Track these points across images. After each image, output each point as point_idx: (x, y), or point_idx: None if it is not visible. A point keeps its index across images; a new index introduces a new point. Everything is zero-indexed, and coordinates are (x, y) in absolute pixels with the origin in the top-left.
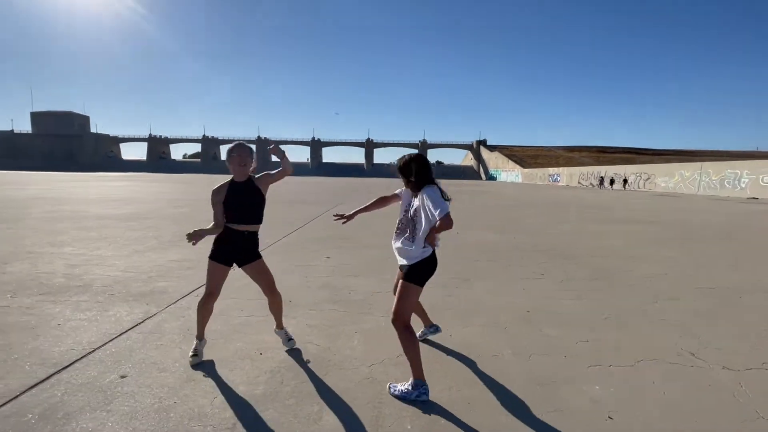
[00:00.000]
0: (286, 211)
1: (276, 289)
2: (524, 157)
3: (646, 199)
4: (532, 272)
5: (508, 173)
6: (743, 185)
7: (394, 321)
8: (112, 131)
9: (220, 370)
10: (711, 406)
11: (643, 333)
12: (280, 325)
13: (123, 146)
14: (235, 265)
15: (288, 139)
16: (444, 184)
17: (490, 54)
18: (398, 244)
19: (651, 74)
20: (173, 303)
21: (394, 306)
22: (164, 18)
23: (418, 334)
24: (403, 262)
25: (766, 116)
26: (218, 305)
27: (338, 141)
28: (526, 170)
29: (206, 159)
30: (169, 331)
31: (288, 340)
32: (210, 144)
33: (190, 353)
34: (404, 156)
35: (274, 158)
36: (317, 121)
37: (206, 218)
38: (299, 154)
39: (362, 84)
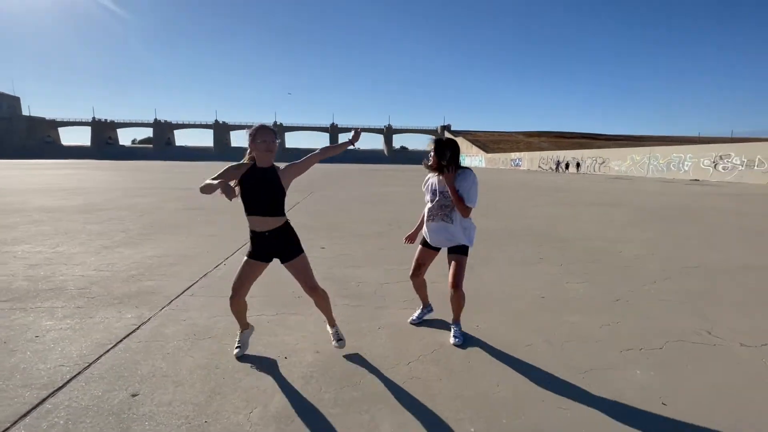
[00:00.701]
0: None
1: (317, 286)
2: (487, 142)
3: (602, 182)
4: (530, 256)
5: (472, 158)
6: (687, 168)
7: (457, 288)
8: (50, 114)
9: (246, 380)
10: (750, 385)
11: (655, 314)
12: (330, 323)
13: (62, 131)
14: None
15: (247, 123)
16: (411, 170)
17: (455, 37)
18: (437, 227)
19: (604, 63)
20: (167, 305)
21: (454, 278)
22: None
23: (415, 315)
24: (446, 242)
25: (705, 105)
26: (219, 305)
27: (302, 126)
28: (489, 155)
29: (159, 145)
30: (172, 337)
31: (338, 340)
32: (162, 128)
33: (235, 345)
34: (440, 139)
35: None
36: (279, 104)
37: (172, 209)
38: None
39: (325, 67)
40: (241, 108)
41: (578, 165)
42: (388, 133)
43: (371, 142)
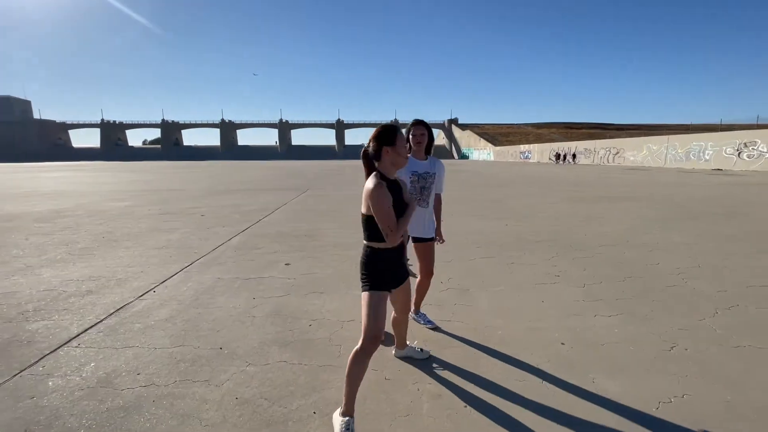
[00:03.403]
0: (246, 200)
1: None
2: (496, 135)
3: (618, 173)
4: (543, 273)
5: (480, 152)
6: (708, 157)
7: (432, 275)
8: (60, 117)
9: None
10: None
11: (736, 375)
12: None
13: (73, 133)
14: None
15: (254, 122)
16: None
17: (459, 30)
18: (419, 211)
19: (616, 50)
20: (36, 361)
21: (432, 266)
22: None
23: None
24: (420, 230)
25: (727, 91)
26: (106, 363)
27: (308, 123)
28: (498, 148)
29: (167, 145)
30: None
31: (419, 350)
32: (170, 129)
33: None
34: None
35: None
36: (285, 103)
37: (142, 214)
38: (267, 137)
39: (332, 62)
40: (247, 106)
41: (574, 156)
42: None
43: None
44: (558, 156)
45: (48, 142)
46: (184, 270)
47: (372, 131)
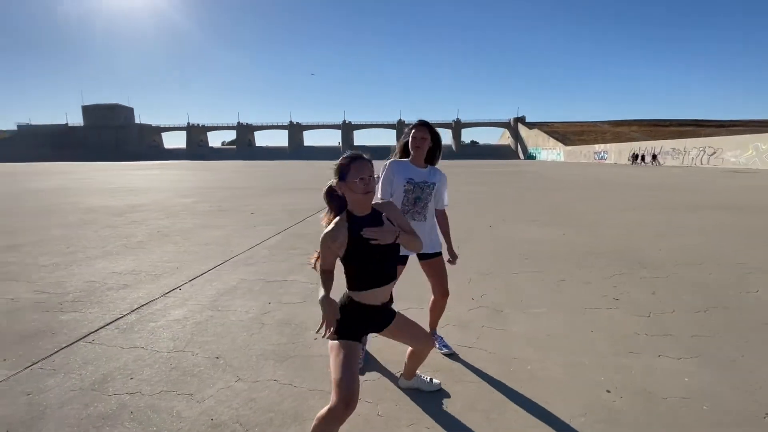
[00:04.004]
0: (299, 199)
1: (429, 339)
2: (567, 133)
3: (714, 176)
4: (599, 294)
5: (549, 152)
6: None
7: (447, 295)
8: (155, 121)
9: None
10: None
11: None
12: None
13: (165, 135)
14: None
15: (319, 123)
16: (478, 164)
17: (529, 24)
18: (413, 227)
19: (712, 37)
20: (50, 354)
21: (446, 284)
22: (195, 10)
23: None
24: (425, 248)
25: None
26: (114, 362)
27: (369, 123)
28: (569, 148)
29: (241, 146)
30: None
31: (429, 380)
32: (244, 131)
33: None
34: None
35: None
36: (347, 103)
37: (201, 210)
38: (332, 138)
39: (391, 60)
40: (314, 108)
41: (654, 157)
42: (456, 127)
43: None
44: (635, 156)
45: (145, 144)
46: (215, 268)
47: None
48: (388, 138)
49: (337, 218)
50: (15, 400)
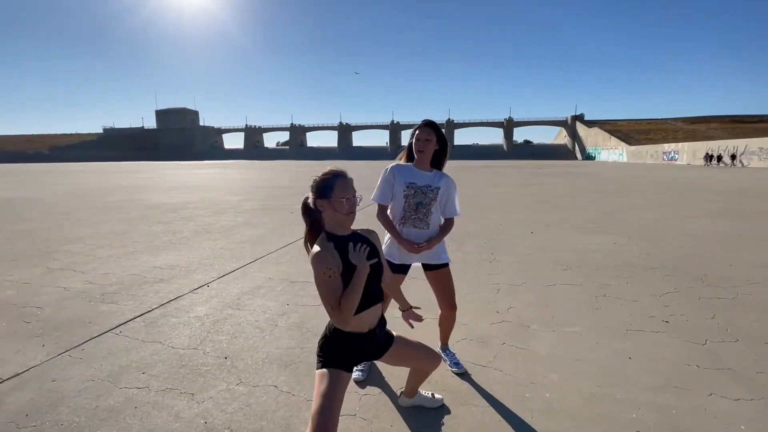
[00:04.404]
0: None
1: (435, 356)
2: (631, 132)
3: None
4: (646, 314)
5: (610, 152)
6: None
7: (455, 308)
8: (216, 123)
9: None
10: None
11: None
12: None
13: (225, 136)
14: None
15: (368, 124)
16: (529, 164)
17: (588, 16)
18: (413, 236)
19: None
20: (82, 343)
21: (452, 297)
22: (253, 20)
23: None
24: (424, 257)
25: None
26: (131, 355)
27: (418, 123)
28: (633, 148)
29: (294, 146)
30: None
31: (430, 396)
32: (297, 132)
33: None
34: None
35: None
36: (395, 104)
37: (247, 208)
38: (379, 139)
39: (441, 59)
40: (363, 109)
41: (733, 157)
42: (508, 126)
43: (489, 136)
44: (710, 157)
45: (207, 145)
46: (245, 267)
47: (483, 131)
48: None
49: (319, 241)
50: (41, 385)
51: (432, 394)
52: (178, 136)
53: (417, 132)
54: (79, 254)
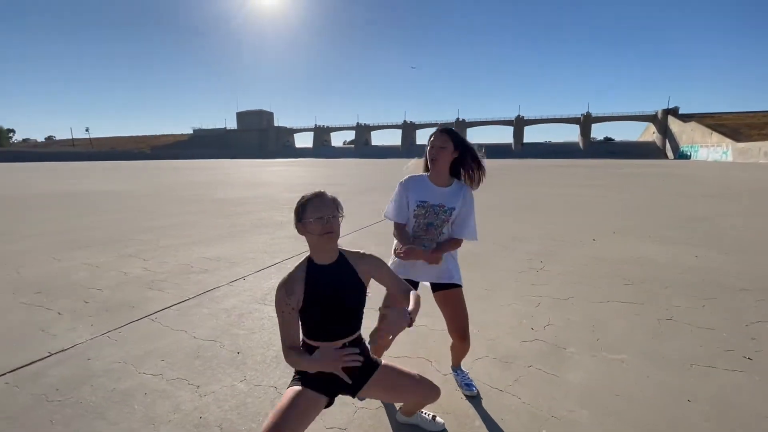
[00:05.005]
0: (381, 198)
1: (436, 390)
2: (740, 126)
3: None
4: (722, 348)
5: (710, 150)
6: None
7: (466, 338)
8: (288, 124)
9: None
10: None
11: None
12: (409, 413)
13: (296, 136)
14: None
15: (432, 122)
16: (608, 164)
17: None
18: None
19: None
20: (122, 326)
21: (461, 323)
22: (322, 25)
23: None
24: (433, 277)
25: None
26: (162, 340)
27: (484, 120)
28: (741, 145)
29: (359, 145)
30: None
31: (430, 419)
32: (362, 131)
33: None
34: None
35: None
36: (461, 101)
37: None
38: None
39: (510, 52)
40: (427, 107)
41: None
42: (585, 122)
43: (565, 134)
44: None
45: (280, 144)
46: (283, 262)
47: (557, 127)
48: (501, 135)
49: (297, 266)
50: (78, 362)
51: (433, 417)
52: (255, 136)
53: (431, 138)
54: (146, 243)
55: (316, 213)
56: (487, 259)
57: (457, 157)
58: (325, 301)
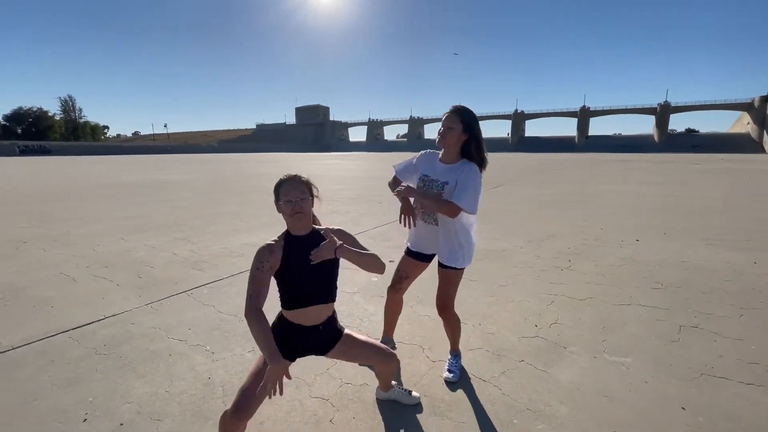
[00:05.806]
0: None
1: (393, 356)
2: None
3: None
4: (742, 358)
5: None
6: None
7: (445, 311)
8: (343, 118)
9: None
10: None
11: None
12: (384, 387)
13: (351, 130)
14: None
15: (488, 114)
16: (683, 158)
17: None
18: (424, 230)
19: None
20: (163, 299)
21: (440, 298)
22: (375, 20)
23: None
24: (431, 250)
25: None
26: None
27: (545, 112)
28: None
29: (411, 138)
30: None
31: (407, 393)
32: (415, 124)
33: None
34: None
35: None
36: (520, 92)
37: (341, 198)
38: (499, 129)
39: (573, 46)
40: (484, 98)
41: None
42: (662, 112)
43: (638, 125)
44: None
45: (335, 137)
46: None
47: (626, 118)
48: (564, 127)
49: (279, 235)
50: (123, 326)
51: (409, 391)
52: (312, 131)
53: (443, 117)
54: (197, 228)
55: (285, 196)
56: (512, 255)
57: (465, 140)
58: (300, 266)
